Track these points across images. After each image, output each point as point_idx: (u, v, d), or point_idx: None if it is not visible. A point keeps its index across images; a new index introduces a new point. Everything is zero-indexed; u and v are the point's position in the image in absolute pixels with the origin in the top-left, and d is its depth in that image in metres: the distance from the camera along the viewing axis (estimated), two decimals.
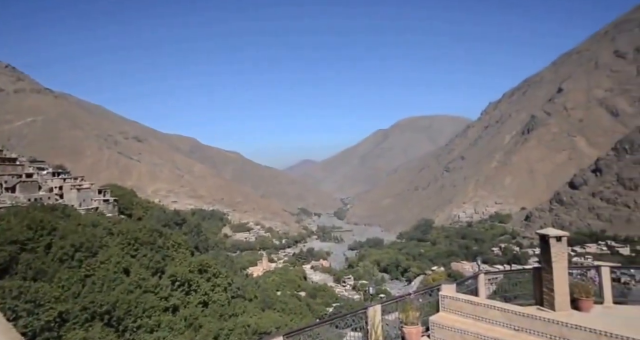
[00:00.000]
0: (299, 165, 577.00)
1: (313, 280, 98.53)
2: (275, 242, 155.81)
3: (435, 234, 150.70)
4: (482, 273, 13.14)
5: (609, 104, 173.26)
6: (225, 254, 78.09)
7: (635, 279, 16.63)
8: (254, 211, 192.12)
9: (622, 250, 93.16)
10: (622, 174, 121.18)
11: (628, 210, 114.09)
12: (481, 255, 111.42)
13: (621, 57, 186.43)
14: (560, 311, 10.65)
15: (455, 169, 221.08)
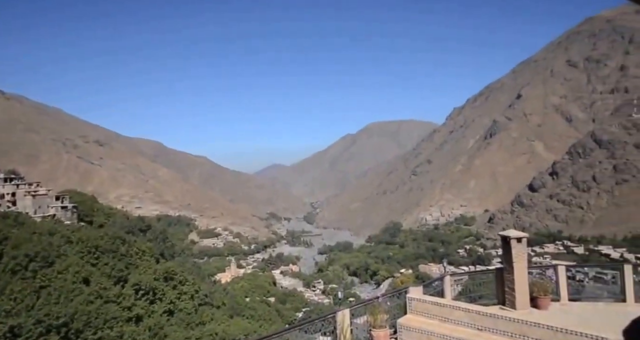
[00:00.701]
0: (268, 169, 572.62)
1: (283, 286, 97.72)
2: (244, 247, 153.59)
3: (404, 237, 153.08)
4: (448, 275, 13.43)
5: (564, 110, 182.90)
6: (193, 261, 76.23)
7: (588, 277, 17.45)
8: (222, 216, 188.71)
9: (577, 249, 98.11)
10: (576, 177, 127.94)
11: (582, 211, 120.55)
12: (447, 257, 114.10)
13: (573, 66, 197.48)
14: (520, 310, 11.05)
15: (422, 173, 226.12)
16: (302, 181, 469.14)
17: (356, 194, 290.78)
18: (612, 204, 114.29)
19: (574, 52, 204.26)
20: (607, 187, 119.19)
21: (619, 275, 11.75)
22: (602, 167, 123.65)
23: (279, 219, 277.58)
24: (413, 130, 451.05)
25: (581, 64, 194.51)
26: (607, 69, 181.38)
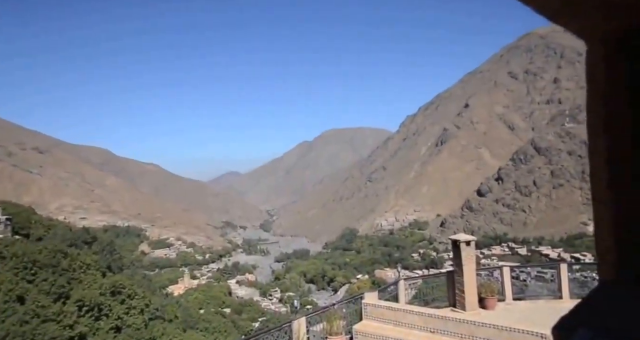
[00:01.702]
0: (223, 177, 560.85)
1: (238, 296, 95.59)
2: (198, 257, 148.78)
3: (360, 242, 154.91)
4: (402, 279, 13.79)
5: (507, 119, 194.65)
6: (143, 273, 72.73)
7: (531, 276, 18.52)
8: (175, 226, 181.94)
9: (521, 250, 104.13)
10: (519, 182, 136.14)
11: (524, 214, 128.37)
12: (402, 262, 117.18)
13: (514, 78, 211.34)
14: (470, 311, 11.55)
15: (377, 179, 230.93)
16: (258, 189, 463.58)
17: (313, 201, 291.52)
18: (550, 207, 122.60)
19: (514, 65, 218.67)
20: (546, 191, 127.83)
21: (556, 274, 12.61)
22: (541, 172, 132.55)
23: (234, 228, 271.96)
24: (368, 138, 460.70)
25: (521, 76, 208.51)
26: (543, 82, 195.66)
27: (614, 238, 1.83)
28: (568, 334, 1.34)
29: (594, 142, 1.94)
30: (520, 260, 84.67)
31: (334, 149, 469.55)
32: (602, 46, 1.85)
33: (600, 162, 1.89)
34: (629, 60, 1.73)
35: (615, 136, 1.82)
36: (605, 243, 1.88)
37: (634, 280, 1.76)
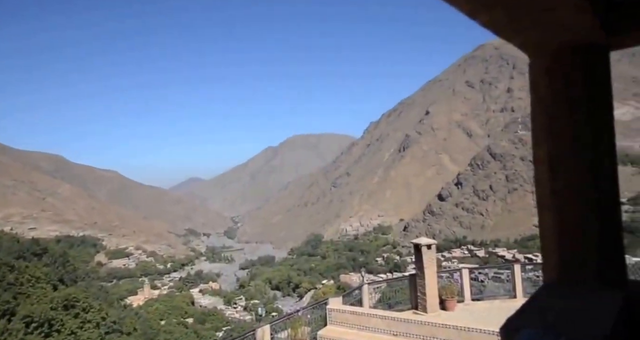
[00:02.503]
0: (186, 183, 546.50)
1: (202, 305, 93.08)
2: (159, 266, 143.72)
3: (325, 248, 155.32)
4: (365, 284, 13.95)
5: (465, 126, 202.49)
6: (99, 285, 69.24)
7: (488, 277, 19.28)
8: (135, 235, 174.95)
9: (479, 252, 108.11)
10: (476, 187, 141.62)
11: (482, 217, 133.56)
12: (367, 266, 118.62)
13: (471, 86, 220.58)
14: (431, 313, 11.89)
15: (342, 185, 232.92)
16: (222, 195, 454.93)
17: (278, 207, 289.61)
18: (506, 210, 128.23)
19: (471, 74, 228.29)
20: (501, 196, 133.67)
21: (511, 274, 13.22)
22: (497, 177, 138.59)
23: (197, 235, 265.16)
24: (333, 144, 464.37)
25: (477, 85, 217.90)
26: (497, 91, 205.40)
27: (557, 241, 2.01)
28: (513, 334, 1.42)
29: (538, 151, 2.11)
30: (479, 262, 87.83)
31: (299, 154, 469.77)
32: (543, 59, 2.02)
33: (544, 170, 2.06)
34: (567, 73, 1.94)
35: (557, 145, 1.98)
36: (549, 246, 2.06)
37: (574, 282, 1.93)
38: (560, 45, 1.91)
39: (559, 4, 1.44)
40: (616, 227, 2.04)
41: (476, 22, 1.55)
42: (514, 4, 1.44)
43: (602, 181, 1.97)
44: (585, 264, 1.94)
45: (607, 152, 2.01)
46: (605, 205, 1.97)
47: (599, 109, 1.98)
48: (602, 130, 1.98)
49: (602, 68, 1.99)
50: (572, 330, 1.41)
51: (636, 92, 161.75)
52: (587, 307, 1.65)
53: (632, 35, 1.90)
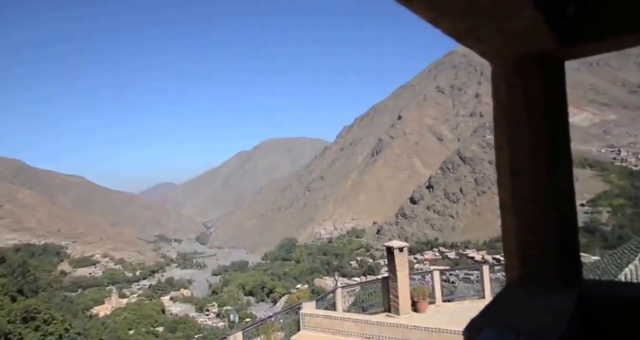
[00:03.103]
0: (156, 188, 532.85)
1: (173, 313, 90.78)
2: (128, 274, 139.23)
3: (299, 252, 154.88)
4: (339, 287, 13.99)
5: (436, 130, 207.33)
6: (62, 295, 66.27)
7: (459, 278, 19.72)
8: (102, 242, 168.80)
9: (450, 254, 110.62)
10: (447, 190, 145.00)
11: (453, 220, 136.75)
12: (341, 269, 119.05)
13: (441, 92, 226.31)
14: (403, 315, 12.03)
15: (316, 189, 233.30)
16: (194, 200, 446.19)
17: (251, 212, 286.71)
18: (475, 213, 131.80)
19: (441, 80, 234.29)
20: (471, 198, 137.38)
21: (480, 275, 13.57)
22: (467, 180, 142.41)
23: (168, 241, 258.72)
24: (306, 148, 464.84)
25: (447, 90, 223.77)
26: (466, 96, 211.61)
27: (518, 243, 2.11)
28: (476, 334, 1.48)
29: (499, 155, 2.22)
30: (450, 264, 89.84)
31: (273, 158, 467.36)
32: (503, 67, 2.13)
33: (505, 173, 2.17)
34: (525, 81, 2.04)
35: (517, 150, 2.09)
36: (510, 247, 2.16)
37: (535, 281, 2.03)
38: (519, 55, 1.99)
39: (514, 15, 1.52)
40: (572, 228, 2.15)
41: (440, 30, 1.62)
42: (473, 13, 1.49)
43: (560, 184, 2.07)
44: (545, 263, 2.03)
45: (564, 156, 2.11)
46: (563, 206, 2.07)
47: (555, 116, 2.07)
48: (558, 136, 2.09)
49: (558, 77, 2.09)
50: (531, 329, 1.47)
51: (593, 99, 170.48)
52: (545, 306, 1.74)
53: (584, 46, 2.00)
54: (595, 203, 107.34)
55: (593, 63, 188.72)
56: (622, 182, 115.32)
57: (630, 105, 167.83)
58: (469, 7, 1.44)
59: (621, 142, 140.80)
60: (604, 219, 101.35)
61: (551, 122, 2.05)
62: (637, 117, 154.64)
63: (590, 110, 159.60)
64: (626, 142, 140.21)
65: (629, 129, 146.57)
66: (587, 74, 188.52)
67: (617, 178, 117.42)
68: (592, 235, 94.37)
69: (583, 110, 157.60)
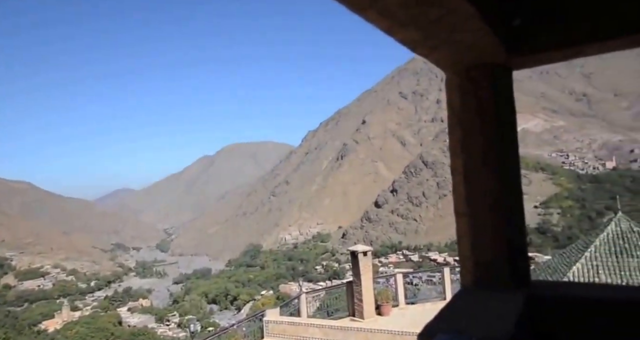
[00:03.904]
0: (114, 194, 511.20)
1: (130, 324, 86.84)
2: (82, 285, 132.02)
3: (264, 258, 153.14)
4: (303, 293, 13.78)
5: (399, 135, 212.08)
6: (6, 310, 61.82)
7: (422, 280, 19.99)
8: (52, 252, 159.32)
9: (413, 257, 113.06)
10: (410, 193, 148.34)
11: (416, 223, 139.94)
12: (306, 275, 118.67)
13: (404, 97, 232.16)
14: (367, 319, 11.99)
15: (281, 193, 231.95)
16: (154, 206, 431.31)
17: (215, 218, 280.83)
18: (437, 216, 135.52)
19: (404, 85, 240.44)
20: (433, 202, 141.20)
21: (441, 277, 13.77)
22: (429, 184, 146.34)
23: (126, 250, 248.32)
24: (271, 152, 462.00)
25: (410, 96, 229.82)
26: (428, 102, 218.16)
27: (471, 247, 2.19)
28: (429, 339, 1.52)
29: (454, 161, 2.31)
30: (413, 266, 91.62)
31: (237, 163, 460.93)
32: (456, 76, 2.20)
33: (459, 179, 2.26)
34: (477, 89, 2.14)
35: (470, 156, 2.19)
36: (464, 251, 2.23)
37: (487, 284, 2.11)
38: (470, 64, 2.08)
39: (463, 27, 1.58)
40: (521, 231, 2.25)
41: (394, 39, 1.65)
42: (425, 24, 1.53)
43: (509, 189, 2.16)
44: (496, 267, 2.10)
45: (513, 161, 2.22)
46: (512, 211, 2.16)
47: (505, 123, 2.17)
48: (508, 142, 2.19)
49: (508, 85, 2.21)
50: (481, 331, 1.52)
51: (545, 106, 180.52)
52: (495, 308, 1.82)
53: (531, 57, 2.12)
54: (547, 205, 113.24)
55: (543, 72, 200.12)
56: (571, 185, 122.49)
57: (576, 113, 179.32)
58: (420, 17, 1.48)
59: (569, 147, 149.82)
60: (555, 220, 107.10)
61: (501, 128, 2.15)
62: (583, 123, 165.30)
63: (542, 117, 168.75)
64: (574, 147, 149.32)
65: (575, 134, 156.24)
66: (539, 82, 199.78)
67: (566, 181, 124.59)
68: (545, 235, 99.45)
69: (535, 117, 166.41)
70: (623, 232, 12.33)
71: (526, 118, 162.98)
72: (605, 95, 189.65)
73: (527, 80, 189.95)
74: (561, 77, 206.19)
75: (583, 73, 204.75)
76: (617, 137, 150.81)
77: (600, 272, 11.73)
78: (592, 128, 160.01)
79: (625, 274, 11.42)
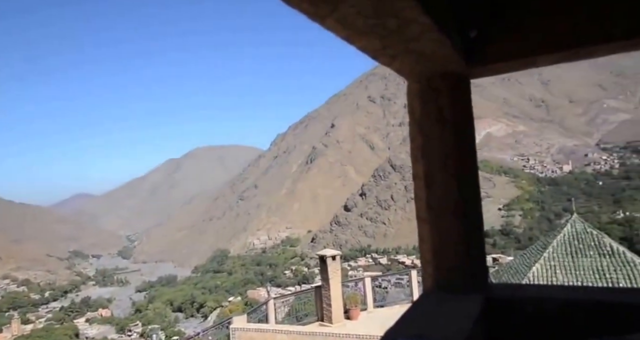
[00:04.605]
0: (71, 200, 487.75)
1: (89, 336, 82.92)
2: (35, 296, 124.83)
3: (232, 263, 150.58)
4: (271, 299, 13.44)
5: (368, 139, 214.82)
6: None
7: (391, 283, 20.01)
8: (1, 262, 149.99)
9: (382, 260, 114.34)
10: (379, 197, 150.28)
11: (384, 226, 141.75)
12: (275, 280, 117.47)
13: (373, 102, 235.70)
14: (336, 323, 11.80)
15: (249, 198, 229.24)
16: (115, 212, 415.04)
17: (181, 223, 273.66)
18: (405, 219, 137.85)
19: (373, 90, 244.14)
20: (401, 205, 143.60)
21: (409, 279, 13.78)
22: (397, 187, 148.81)
23: (85, 257, 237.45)
24: (239, 156, 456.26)
25: (378, 100, 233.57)
26: (396, 106, 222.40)
27: (432, 252, 2.24)
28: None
29: (415, 167, 2.36)
30: (382, 269, 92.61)
31: (204, 166, 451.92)
32: (417, 84, 2.28)
33: (420, 185, 2.32)
34: (437, 97, 2.21)
35: (431, 162, 2.25)
36: (426, 256, 2.28)
37: (447, 289, 2.17)
38: (430, 73, 2.13)
39: (421, 37, 1.59)
40: (479, 235, 2.31)
41: (355, 47, 1.67)
42: (384, 33, 1.53)
43: (469, 194, 2.23)
44: (456, 271, 2.16)
45: (471, 167, 2.29)
46: (471, 215, 2.22)
47: (464, 130, 2.25)
48: (467, 149, 2.26)
49: (466, 94, 2.28)
50: (439, 334, 1.57)
51: (507, 112, 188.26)
52: (454, 311, 1.88)
53: (487, 67, 2.22)
54: (509, 207, 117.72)
55: (505, 79, 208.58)
56: (531, 187, 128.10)
57: (536, 118, 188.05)
58: (378, 27, 1.48)
59: (530, 151, 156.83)
60: (517, 222, 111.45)
61: (460, 135, 2.22)
62: (542, 128, 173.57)
63: (504, 122, 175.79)
64: (534, 151, 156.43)
65: (535, 139, 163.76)
66: (501, 88, 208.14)
67: (527, 184, 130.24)
68: (508, 237, 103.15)
69: (498, 122, 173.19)
70: (578, 233, 12.86)
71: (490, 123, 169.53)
72: (562, 102, 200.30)
73: (490, 87, 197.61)
74: (522, 84, 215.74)
75: (541, 80, 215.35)
76: (572, 141, 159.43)
77: (558, 272, 12.12)
78: (550, 133, 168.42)
79: (580, 274, 11.88)
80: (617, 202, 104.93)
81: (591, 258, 12.05)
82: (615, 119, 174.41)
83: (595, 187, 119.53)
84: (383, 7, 1.33)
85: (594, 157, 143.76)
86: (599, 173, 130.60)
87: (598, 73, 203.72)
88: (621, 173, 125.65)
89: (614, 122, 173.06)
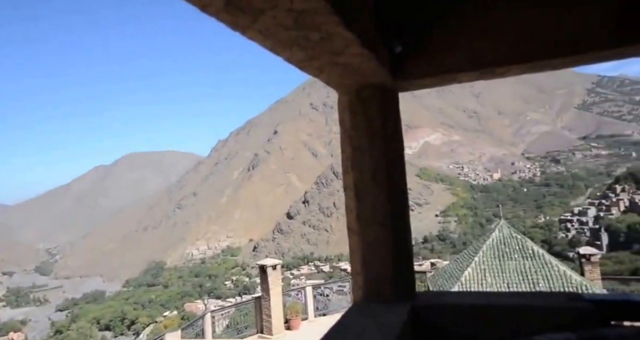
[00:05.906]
0: None
1: None
2: None
3: (168, 275, 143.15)
4: (208, 312, 12.41)
5: (311, 146, 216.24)
6: None
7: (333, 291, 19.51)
8: None
9: (324, 267, 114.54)
10: (322, 204, 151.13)
11: (327, 233, 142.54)
12: (215, 291, 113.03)
13: (315, 109, 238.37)
14: (276, 334, 11.19)
15: (188, 206, 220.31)
16: (34, 224, 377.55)
17: (111, 233, 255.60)
18: None
19: (315, 97, 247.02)
20: (343, 212, 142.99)
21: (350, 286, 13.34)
22: (340, 195, 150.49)
23: None
24: (177, 162, 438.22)
25: (320, 107, 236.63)
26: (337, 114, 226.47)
27: (361, 263, 2.28)
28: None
29: (345, 179, 2.39)
30: (325, 277, 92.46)
31: (138, 174, 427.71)
32: (347, 96, 2.32)
33: (350, 196, 2.37)
34: (366, 109, 2.26)
35: (361, 174, 2.28)
36: (356, 267, 2.31)
37: (376, 299, 2.23)
38: (359, 85, 2.18)
39: (345, 51, 1.61)
40: (407, 245, 2.35)
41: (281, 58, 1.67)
42: (308, 45, 1.54)
43: (397, 205, 2.27)
44: (384, 281, 2.21)
45: (400, 178, 2.32)
46: (399, 226, 2.27)
47: (393, 142, 2.28)
48: (396, 160, 2.29)
49: (395, 107, 2.32)
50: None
51: (443, 121, 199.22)
52: (381, 321, 1.93)
53: (413, 82, 2.29)
54: (445, 213, 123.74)
55: (440, 90, 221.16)
56: (466, 194, 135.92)
57: (469, 128, 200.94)
58: (301, 39, 1.49)
59: (464, 160, 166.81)
60: (453, 228, 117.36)
61: (389, 146, 2.25)
62: (474, 138, 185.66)
63: (440, 131, 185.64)
64: (467, 159, 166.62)
65: (468, 148, 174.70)
66: (437, 99, 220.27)
67: (461, 191, 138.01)
68: (444, 242, 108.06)
69: (435, 131, 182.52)
70: (505, 238, 13.47)
71: (428, 132, 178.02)
72: (492, 114, 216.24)
73: (427, 96, 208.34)
74: (455, 95, 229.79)
75: (473, 92, 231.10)
76: (501, 151, 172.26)
77: (487, 275, 12.63)
78: (482, 143, 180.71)
79: (506, 276, 12.44)
80: (539, 208, 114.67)
81: (516, 261, 12.65)
82: (537, 130, 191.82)
83: (521, 194, 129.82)
84: (304, 20, 1.33)
85: (519, 165, 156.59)
86: (524, 180, 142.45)
87: (522, 87, 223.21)
88: (542, 180, 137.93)
89: (536, 133, 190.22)
